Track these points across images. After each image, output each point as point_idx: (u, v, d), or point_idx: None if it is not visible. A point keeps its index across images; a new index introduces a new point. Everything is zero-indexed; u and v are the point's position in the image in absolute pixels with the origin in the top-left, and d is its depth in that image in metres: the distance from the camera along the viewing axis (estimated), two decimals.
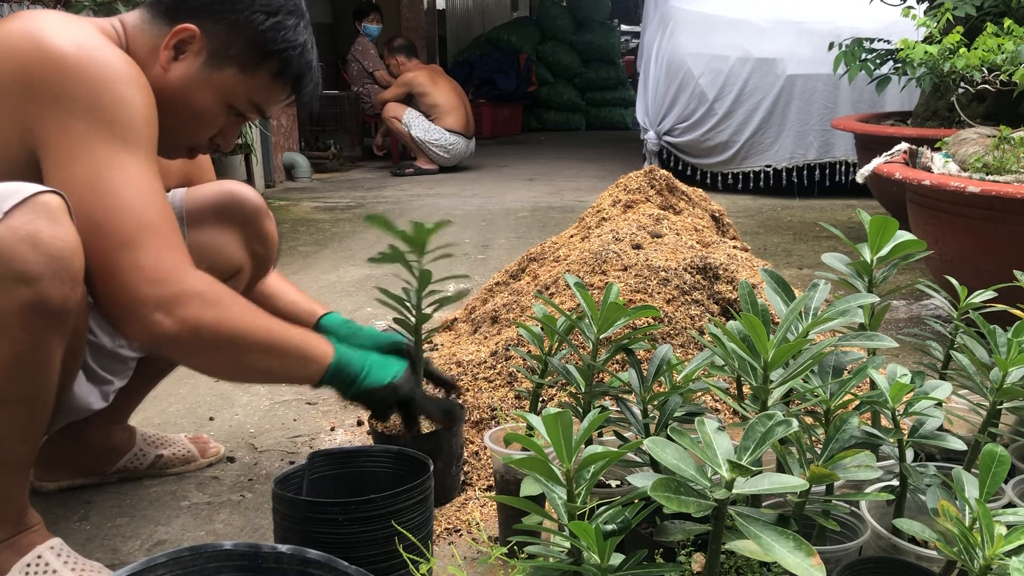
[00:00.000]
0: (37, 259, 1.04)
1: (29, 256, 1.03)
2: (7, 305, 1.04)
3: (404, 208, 4.87)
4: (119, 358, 1.44)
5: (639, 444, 1.00)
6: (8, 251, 1.02)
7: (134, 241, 1.08)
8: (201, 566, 0.85)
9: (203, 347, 1.12)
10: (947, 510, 0.88)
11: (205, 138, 1.32)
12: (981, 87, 2.85)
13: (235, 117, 1.32)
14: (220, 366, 1.19)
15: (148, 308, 1.08)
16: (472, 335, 2.20)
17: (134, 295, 1.08)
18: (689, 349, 1.80)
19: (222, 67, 1.26)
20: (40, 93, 1.09)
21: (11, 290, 1.03)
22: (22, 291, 1.03)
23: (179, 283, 1.09)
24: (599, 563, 0.83)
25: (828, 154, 5.02)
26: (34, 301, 1.04)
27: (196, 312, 1.09)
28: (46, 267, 1.04)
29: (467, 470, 1.60)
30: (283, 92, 1.33)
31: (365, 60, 6.92)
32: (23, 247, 1.03)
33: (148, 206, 1.11)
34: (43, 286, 1.04)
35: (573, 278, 1.31)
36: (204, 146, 1.34)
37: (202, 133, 1.31)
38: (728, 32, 5.19)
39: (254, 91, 1.29)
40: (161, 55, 1.24)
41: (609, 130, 9.65)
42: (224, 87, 1.27)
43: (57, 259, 1.05)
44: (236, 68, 1.27)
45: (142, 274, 1.08)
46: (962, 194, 2.15)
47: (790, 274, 3.20)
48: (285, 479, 1.23)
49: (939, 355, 1.33)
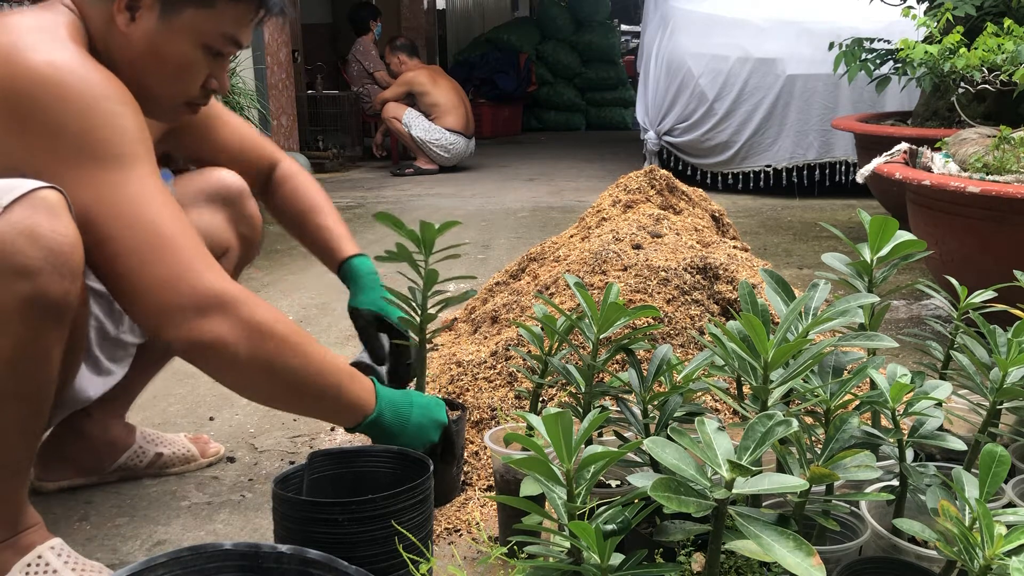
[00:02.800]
0: (36, 253, 1.03)
1: (28, 250, 1.03)
2: (6, 299, 1.03)
3: (404, 208, 4.87)
4: (120, 344, 1.45)
5: (639, 444, 1.00)
6: (7, 245, 1.02)
7: (157, 253, 1.08)
8: (201, 566, 0.85)
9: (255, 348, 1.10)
10: (947, 510, 0.88)
11: (195, 87, 1.27)
12: (981, 87, 2.85)
13: (216, 57, 1.26)
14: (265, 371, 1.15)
15: (189, 313, 1.07)
16: (472, 335, 2.20)
17: (175, 302, 1.07)
18: (689, 349, 1.80)
19: (179, 10, 1.21)
20: (28, 125, 1.08)
21: (10, 284, 1.03)
22: (22, 285, 1.03)
23: (220, 286, 1.09)
24: (599, 563, 0.83)
25: (828, 154, 5.02)
26: (34, 295, 1.04)
27: (250, 312, 1.09)
28: (45, 261, 1.04)
29: (467, 470, 1.60)
30: (249, 11, 1.26)
31: (365, 60, 6.92)
32: (22, 241, 1.03)
33: (161, 217, 1.10)
34: (43, 280, 1.04)
35: (573, 278, 1.31)
36: (200, 96, 1.29)
37: (189, 83, 1.26)
38: (728, 32, 5.19)
39: (221, 23, 1.24)
40: (117, 20, 1.20)
41: (609, 130, 9.65)
42: (190, 29, 1.22)
43: (57, 253, 1.05)
44: (192, 6, 1.21)
45: (182, 282, 1.07)
46: (962, 194, 2.15)
47: (790, 274, 3.20)
48: (285, 479, 1.23)
49: (939, 355, 1.33)
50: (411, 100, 6.25)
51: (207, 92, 1.29)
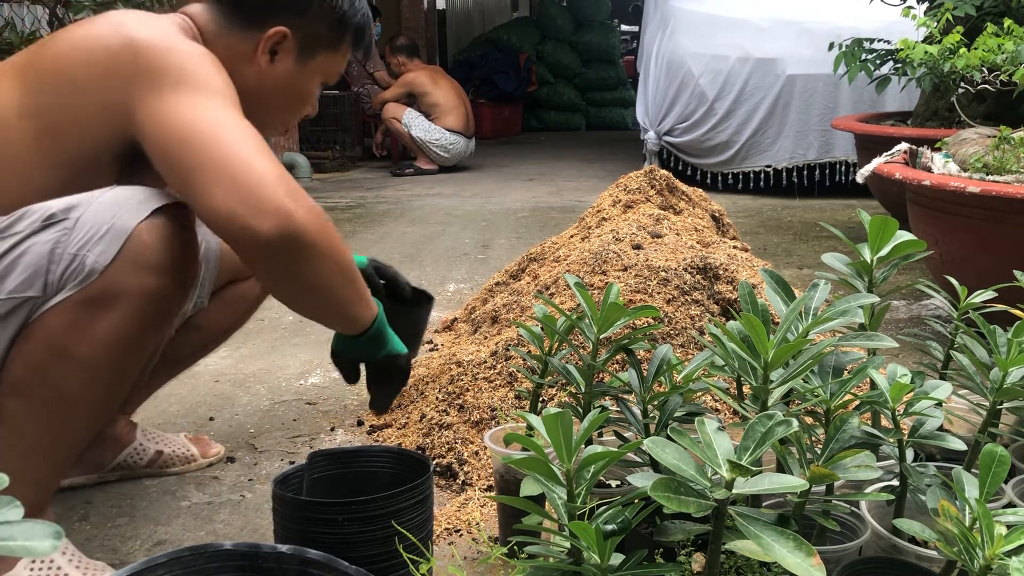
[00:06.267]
0: (169, 256, 1.16)
1: (164, 252, 1.15)
2: (133, 287, 1.14)
3: (404, 208, 4.87)
4: None
5: (639, 444, 1.00)
6: (148, 244, 1.14)
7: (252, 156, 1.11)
8: (201, 566, 0.85)
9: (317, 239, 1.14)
10: (947, 510, 0.88)
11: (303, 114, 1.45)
12: (981, 87, 2.85)
13: None
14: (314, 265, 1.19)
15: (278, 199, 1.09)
16: (472, 335, 2.20)
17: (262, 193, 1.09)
18: (689, 349, 1.80)
19: (314, 54, 1.37)
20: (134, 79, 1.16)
21: (141, 275, 1.14)
22: (150, 279, 1.14)
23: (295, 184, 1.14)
24: (599, 563, 0.83)
25: (828, 154, 5.02)
26: (156, 290, 1.15)
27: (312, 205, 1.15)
28: (173, 266, 1.16)
29: (467, 470, 1.60)
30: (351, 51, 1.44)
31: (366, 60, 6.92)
32: (162, 243, 1.15)
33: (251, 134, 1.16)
34: (167, 280, 1.16)
35: (573, 278, 1.31)
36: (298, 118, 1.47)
37: (301, 112, 1.45)
38: (728, 32, 5.19)
39: (339, 62, 1.42)
40: (260, 60, 1.33)
41: (609, 130, 9.65)
42: (319, 70, 1.39)
43: (182, 261, 1.18)
44: (325, 50, 1.38)
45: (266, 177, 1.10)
46: (962, 194, 2.15)
47: (790, 274, 3.20)
48: (285, 479, 1.23)
49: (939, 355, 1.33)
50: (411, 100, 6.25)
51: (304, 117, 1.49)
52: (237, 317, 1.68)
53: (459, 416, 1.71)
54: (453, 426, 1.69)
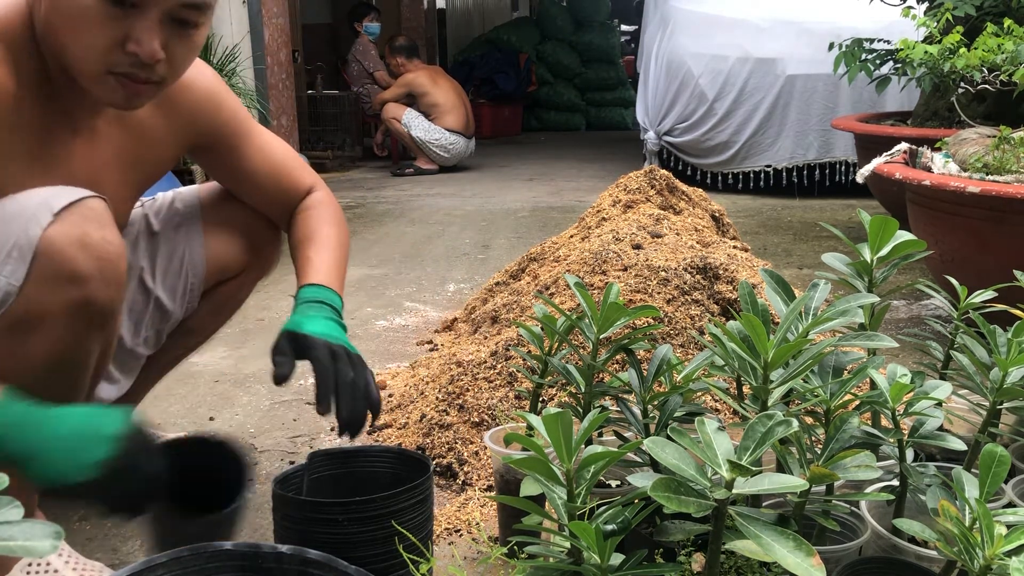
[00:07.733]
0: (86, 261, 1.04)
1: (79, 258, 1.04)
2: (55, 304, 1.04)
3: (404, 208, 4.87)
4: (134, 355, 1.46)
5: (639, 444, 1.00)
6: (61, 253, 1.03)
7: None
8: (201, 566, 0.85)
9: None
10: (947, 510, 0.88)
11: (106, 50, 1.06)
12: (981, 87, 2.85)
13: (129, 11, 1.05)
14: None
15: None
16: (472, 335, 2.20)
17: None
18: (689, 349, 1.80)
19: None
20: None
21: (61, 289, 1.04)
22: (71, 291, 1.04)
23: None
24: (599, 563, 0.83)
25: (828, 154, 5.02)
26: (82, 301, 1.05)
27: None
28: (95, 269, 1.05)
29: (467, 470, 1.60)
30: None
31: (365, 60, 6.92)
32: (74, 249, 1.04)
33: None
34: (91, 287, 1.05)
35: (573, 278, 1.31)
36: (123, 62, 1.08)
37: (95, 42, 1.06)
38: (728, 32, 5.18)
39: None
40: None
41: (609, 130, 9.64)
42: None
43: (105, 261, 1.06)
44: None
45: None
46: (962, 194, 2.15)
47: (790, 274, 3.20)
48: (285, 479, 1.23)
49: (939, 355, 1.33)
50: (411, 100, 6.25)
51: (134, 59, 1.07)
52: (225, 317, 1.65)
53: (459, 416, 1.71)
54: (453, 426, 1.69)
